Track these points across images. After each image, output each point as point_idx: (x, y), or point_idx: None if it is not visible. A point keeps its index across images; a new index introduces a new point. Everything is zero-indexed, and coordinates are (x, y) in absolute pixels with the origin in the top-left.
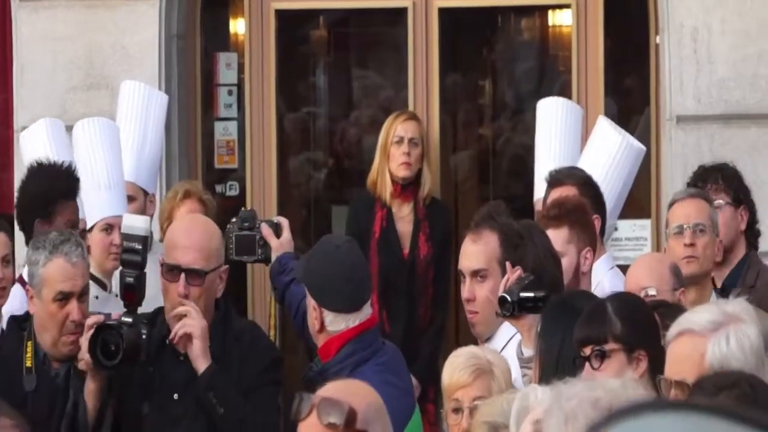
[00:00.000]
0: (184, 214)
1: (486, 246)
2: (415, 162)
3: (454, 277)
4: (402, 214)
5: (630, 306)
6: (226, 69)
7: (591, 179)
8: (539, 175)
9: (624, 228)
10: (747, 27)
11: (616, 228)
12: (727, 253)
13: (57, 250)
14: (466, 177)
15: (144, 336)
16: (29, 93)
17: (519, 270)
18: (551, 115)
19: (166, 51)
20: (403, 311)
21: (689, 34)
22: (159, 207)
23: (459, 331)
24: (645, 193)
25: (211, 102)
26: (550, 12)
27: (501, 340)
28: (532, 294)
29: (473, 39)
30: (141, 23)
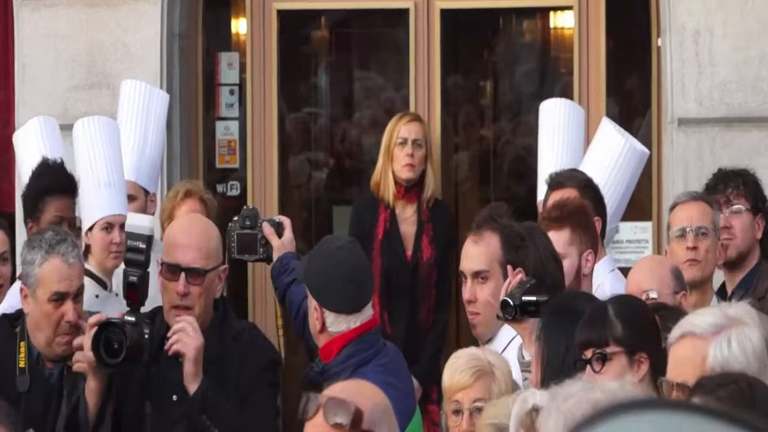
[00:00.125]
0: (184, 213)
1: (487, 247)
2: (419, 163)
3: (456, 279)
4: (405, 215)
5: (631, 309)
6: (227, 69)
7: (591, 181)
8: (542, 177)
9: (625, 230)
10: (749, 29)
11: (617, 230)
12: (741, 260)
13: (53, 250)
14: (466, 178)
15: (147, 335)
16: (31, 91)
17: (521, 274)
18: (554, 117)
19: (167, 50)
20: (405, 313)
21: (691, 36)
22: (160, 206)
23: (460, 333)
24: (646, 196)
25: (213, 101)
26: (551, 14)
27: (502, 341)
28: (534, 298)
29: (475, 40)
30: (143, 22)
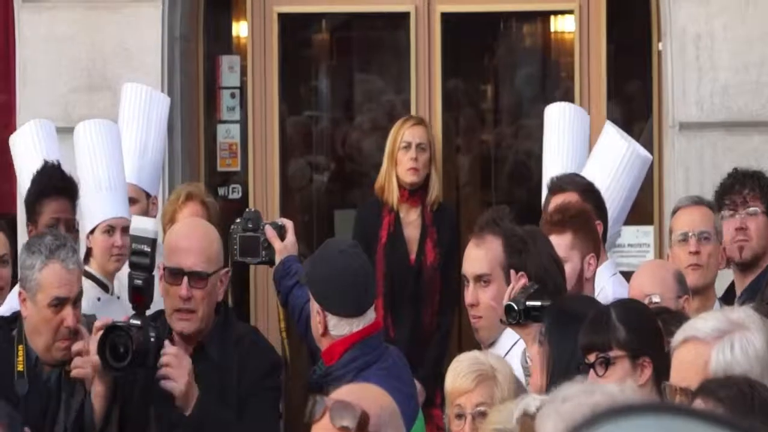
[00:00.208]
0: (186, 216)
1: (489, 251)
2: (423, 167)
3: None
4: (409, 219)
5: (634, 313)
6: (228, 72)
7: (592, 185)
8: (547, 181)
9: (627, 234)
10: (749, 34)
11: (619, 235)
12: (755, 261)
13: (53, 255)
14: (467, 181)
15: (153, 338)
16: (31, 94)
17: (524, 278)
18: (559, 121)
19: (168, 53)
20: (409, 316)
21: (692, 40)
22: (161, 209)
23: (462, 336)
24: (648, 200)
25: (214, 105)
26: (552, 18)
27: (504, 345)
28: (538, 303)
29: (476, 44)
30: (143, 25)
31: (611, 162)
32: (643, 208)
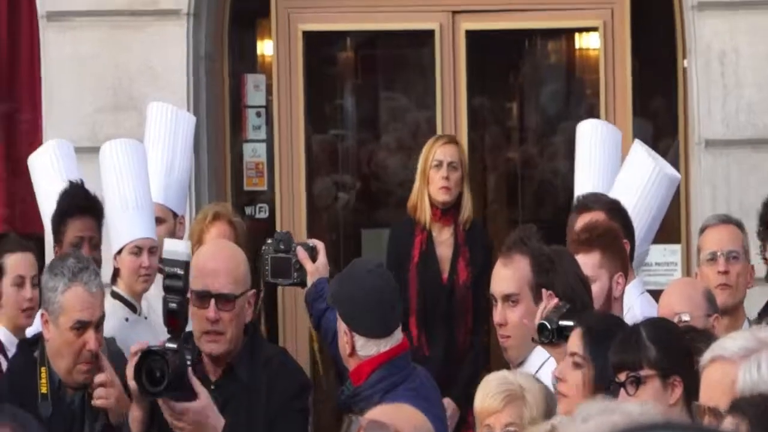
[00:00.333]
0: (213, 236)
1: (517, 270)
2: (455, 186)
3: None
4: (442, 238)
5: (664, 331)
6: (254, 90)
7: (619, 204)
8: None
9: (654, 253)
10: None
11: (647, 253)
12: None
13: (76, 278)
14: (493, 199)
15: (189, 361)
16: (58, 114)
17: (556, 298)
18: (591, 138)
19: (194, 72)
20: (442, 335)
21: (716, 57)
22: (188, 229)
23: (492, 355)
24: (674, 218)
25: (240, 124)
26: (577, 35)
27: (534, 364)
28: (570, 323)
29: (501, 61)
30: (168, 44)
31: (638, 181)
32: (670, 226)
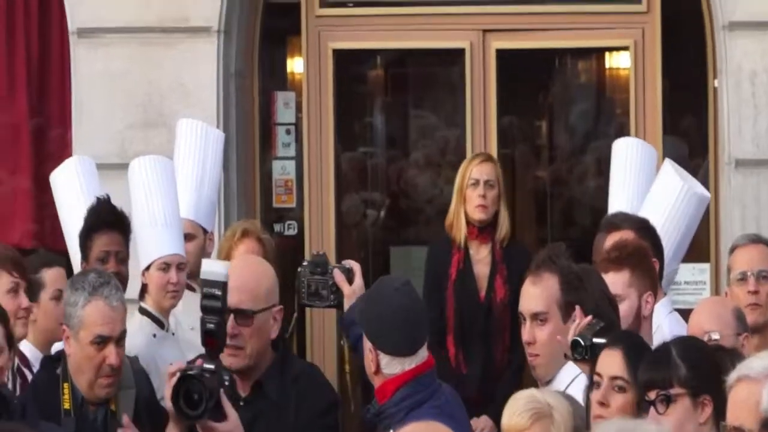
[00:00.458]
0: (242, 253)
1: (546, 289)
2: (492, 204)
3: None
4: (480, 256)
5: (694, 350)
6: (284, 108)
7: (647, 223)
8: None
9: (683, 272)
10: None
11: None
12: None
13: (96, 292)
14: (523, 218)
15: (227, 382)
16: (87, 131)
17: (590, 316)
18: (627, 156)
19: (224, 89)
20: (480, 353)
21: (747, 77)
22: (217, 246)
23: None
24: (704, 237)
25: (269, 141)
26: (607, 54)
27: (562, 382)
28: (603, 340)
29: (531, 80)
30: (199, 61)
31: (667, 199)
32: (699, 245)
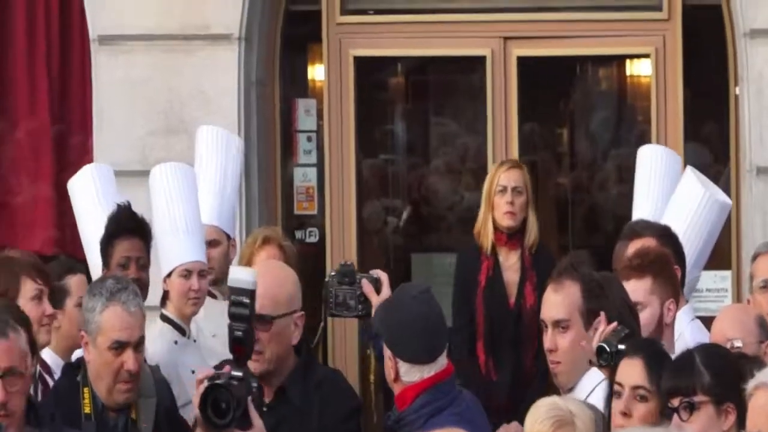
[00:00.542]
0: (263, 260)
1: (567, 296)
2: (520, 211)
3: None
4: (509, 263)
5: (717, 358)
6: (305, 115)
7: (669, 230)
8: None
9: (704, 279)
10: None
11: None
12: None
13: (114, 297)
14: (544, 225)
15: (255, 388)
16: (108, 137)
17: (615, 323)
18: (651, 163)
19: (245, 97)
20: (510, 360)
21: None
22: (239, 252)
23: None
24: (725, 244)
25: (291, 148)
26: (628, 61)
27: (584, 389)
28: None
29: (552, 88)
30: (220, 68)
31: (689, 207)
32: (721, 252)
